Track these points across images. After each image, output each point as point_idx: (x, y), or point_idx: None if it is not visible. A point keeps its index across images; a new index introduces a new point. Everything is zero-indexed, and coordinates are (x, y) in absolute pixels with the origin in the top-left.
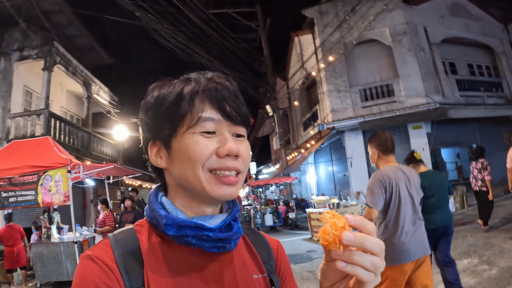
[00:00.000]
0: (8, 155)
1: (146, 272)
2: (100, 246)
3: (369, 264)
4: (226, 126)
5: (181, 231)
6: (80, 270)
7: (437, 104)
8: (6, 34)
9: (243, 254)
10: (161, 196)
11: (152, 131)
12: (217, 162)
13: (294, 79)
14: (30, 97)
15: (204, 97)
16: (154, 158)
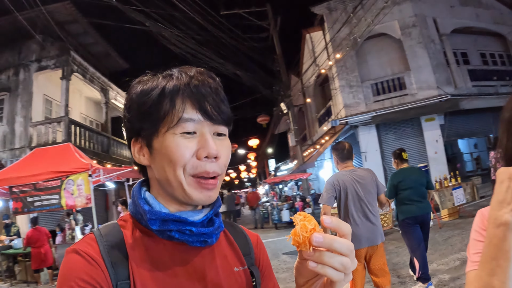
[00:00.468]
0: (32, 162)
1: (131, 266)
2: (86, 241)
3: (338, 265)
4: (207, 126)
5: (165, 226)
6: (66, 264)
7: (448, 95)
8: (24, 46)
9: (224, 247)
10: (145, 191)
11: (135, 129)
12: (198, 167)
13: (307, 76)
14: (50, 105)
15: (185, 96)
16: (137, 155)
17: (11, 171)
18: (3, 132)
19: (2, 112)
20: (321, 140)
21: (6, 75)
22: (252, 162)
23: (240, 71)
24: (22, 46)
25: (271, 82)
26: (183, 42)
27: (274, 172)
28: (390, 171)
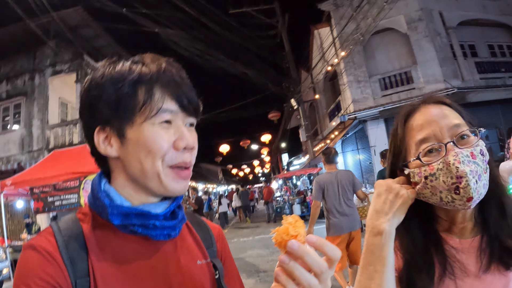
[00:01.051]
0: (51, 163)
1: (91, 261)
2: (43, 235)
3: (304, 282)
4: (181, 117)
5: (127, 220)
6: (23, 260)
7: (455, 89)
8: (38, 51)
9: (186, 240)
10: (105, 183)
11: (102, 116)
12: (177, 157)
13: (317, 72)
14: (65, 108)
15: (164, 87)
16: (102, 145)
17: (31, 173)
18: (21, 135)
19: (19, 116)
20: (331, 135)
21: (22, 80)
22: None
23: (249, 70)
24: (36, 52)
25: (281, 79)
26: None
27: (287, 166)
28: None
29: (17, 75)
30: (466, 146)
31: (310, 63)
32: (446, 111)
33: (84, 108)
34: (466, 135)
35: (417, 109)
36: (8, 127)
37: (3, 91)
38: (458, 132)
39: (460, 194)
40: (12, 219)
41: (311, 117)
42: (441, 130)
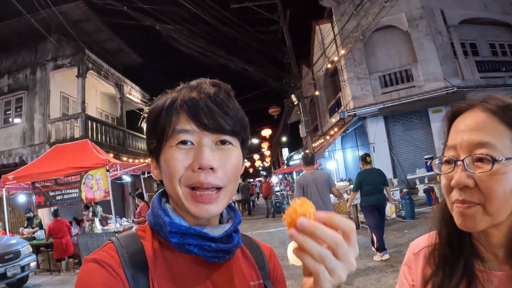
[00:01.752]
0: (52, 158)
1: (151, 279)
2: (106, 251)
3: (315, 254)
4: (204, 136)
5: (184, 239)
6: (86, 272)
7: (454, 88)
8: (40, 46)
9: (240, 261)
10: (164, 202)
11: (149, 148)
12: (192, 177)
13: (318, 67)
14: (67, 102)
15: (180, 109)
16: (153, 170)
17: (33, 167)
18: (23, 129)
19: (21, 109)
20: (330, 131)
21: (24, 74)
22: (266, 151)
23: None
24: (38, 46)
25: (282, 74)
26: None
27: (287, 161)
28: (398, 162)
29: (18, 69)
30: (480, 170)
31: (311, 59)
32: (488, 123)
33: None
34: (485, 159)
35: (464, 112)
36: (9, 121)
37: (4, 85)
38: (476, 152)
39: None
40: (14, 213)
41: (312, 112)
42: (462, 144)
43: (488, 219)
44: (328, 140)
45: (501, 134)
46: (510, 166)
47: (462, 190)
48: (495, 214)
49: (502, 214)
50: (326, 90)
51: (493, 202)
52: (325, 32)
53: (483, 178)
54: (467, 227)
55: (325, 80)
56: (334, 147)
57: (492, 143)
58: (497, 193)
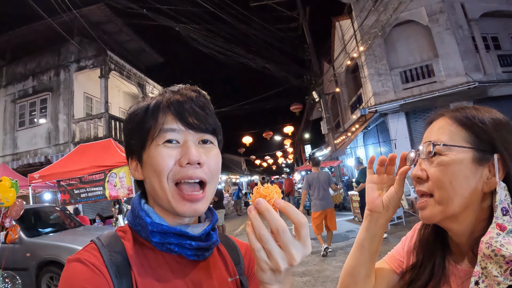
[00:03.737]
0: (77, 157)
1: (134, 276)
2: (88, 251)
3: (256, 231)
4: (189, 134)
5: (165, 239)
6: (70, 272)
7: (476, 83)
8: (63, 48)
9: (217, 259)
10: (144, 203)
11: (129, 147)
12: (179, 172)
13: (338, 64)
14: (90, 102)
15: (166, 109)
16: (133, 171)
17: (58, 166)
18: (48, 129)
19: (46, 110)
20: (352, 128)
21: (48, 76)
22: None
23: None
24: (61, 48)
25: (303, 72)
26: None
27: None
28: None
29: (42, 71)
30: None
31: (332, 55)
32: (446, 125)
33: (124, 142)
34: (436, 153)
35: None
36: (35, 122)
37: (29, 87)
38: (426, 148)
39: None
40: None
41: (334, 109)
42: (422, 144)
43: (440, 208)
44: (349, 137)
45: (453, 133)
46: (455, 157)
47: (418, 182)
48: (445, 203)
49: (452, 204)
50: (347, 86)
51: (440, 191)
52: (345, 28)
53: (431, 169)
54: (425, 218)
55: (346, 76)
56: (356, 144)
57: (442, 140)
58: (443, 183)
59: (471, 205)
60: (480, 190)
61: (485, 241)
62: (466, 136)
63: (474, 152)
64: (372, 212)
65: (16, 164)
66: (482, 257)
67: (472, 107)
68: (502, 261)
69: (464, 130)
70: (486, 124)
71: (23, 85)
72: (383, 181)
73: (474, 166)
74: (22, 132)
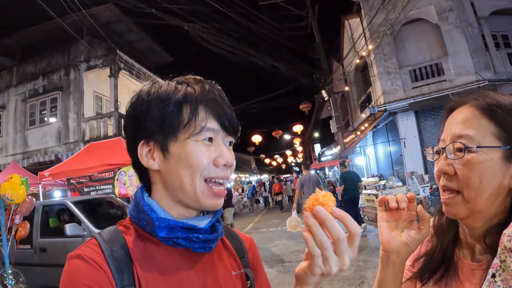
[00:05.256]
0: (86, 156)
1: (136, 271)
2: (89, 246)
3: (318, 238)
4: (222, 136)
5: (172, 233)
6: (71, 269)
7: (486, 81)
8: (73, 47)
9: (222, 252)
10: (147, 197)
11: (146, 130)
12: (214, 171)
13: (348, 62)
14: (100, 101)
15: (207, 107)
16: (145, 158)
17: (68, 164)
18: (58, 128)
19: (56, 109)
20: (361, 127)
21: (58, 75)
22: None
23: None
24: (71, 48)
25: (312, 70)
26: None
27: (319, 157)
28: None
29: (53, 70)
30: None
31: (341, 54)
32: (473, 117)
33: (129, 122)
34: (463, 149)
35: (457, 107)
36: (45, 120)
37: (39, 86)
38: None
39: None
40: None
41: (343, 108)
42: (447, 136)
43: (468, 206)
44: (359, 136)
45: (482, 128)
46: (485, 156)
47: (444, 177)
48: (473, 201)
49: (480, 202)
50: (356, 85)
51: (469, 190)
52: (354, 27)
53: (460, 167)
54: (451, 214)
55: (356, 75)
56: (365, 143)
57: (470, 135)
58: (473, 181)
59: (497, 201)
60: (507, 186)
61: (508, 234)
62: (496, 131)
63: (504, 149)
64: (388, 252)
65: (26, 162)
66: (502, 250)
67: (497, 94)
68: None
69: (493, 124)
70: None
71: (33, 84)
72: (400, 218)
73: (504, 163)
74: (33, 131)
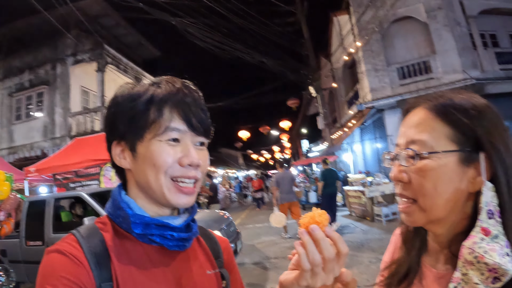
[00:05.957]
0: (73, 151)
1: (114, 267)
2: (68, 242)
3: (310, 255)
4: (190, 136)
5: (147, 230)
6: (48, 263)
7: (473, 80)
8: (60, 41)
9: (197, 251)
10: (124, 194)
11: (118, 132)
12: (179, 170)
13: (336, 59)
14: (87, 96)
15: (173, 107)
16: (118, 158)
17: (53, 160)
18: (44, 123)
19: (42, 104)
20: (348, 123)
21: (45, 70)
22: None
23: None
24: (58, 42)
25: (300, 66)
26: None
27: (307, 153)
28: None
29: (39, 64)
30: (409, 165)
31: (329, 50)
32: (426, 120)
33: (105, 122)
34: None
35: (411, 110)
36: (31, 115)
37: (26, 80)
38: (407, 153)
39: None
40: None
41: (331, 104)
42: (401, 141)
43: (424, 214)
44: (346, 132)
45: (436, 131)
46: (439, 161)
47: (399, 184)
48: (429, 209)
49: (437, 209)
50: (344, 81)
51: (424, 198)
52: (343, 23)
53: (414, 174)
54: (409, 222)
55: (343, 71)
56: (353, 139)
57: (423, 140)
58: (427, 189)
59: (456, 207)
60: (466, 190)
61: (468, 246)
62: (451, 134)
63: (461, 152)
64: None
65: (12, 157)
66: (463, 263)
67: (452, 93)
68: (484, 269)
69: (448, 127)
70: (470, 116)
71: (19, 79)
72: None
73: (460, 168)
74: (19, 125)
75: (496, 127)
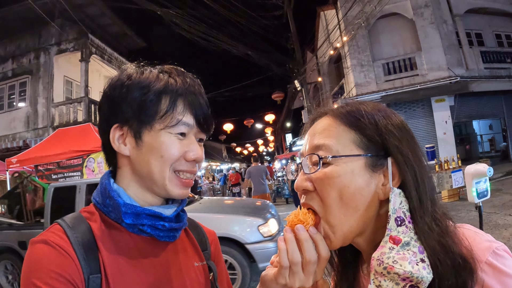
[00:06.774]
0: (55, 142)
1: (102, 258)
2: (54, 232)
3: (290, 253)
4: (195, 131)
5: (138, 220)
6: (34, 254)
7: (458, 78)
8: (43, 30)
9: (185, 243)
10: (113, 182)
11: (123, 116)
12: (184, 165)
13: (322, 53)
14: (70, 86)
15: (186, 101)
16: (116, 142)
17: (36, 151)
18: (27, 113)
19: (25, 94)
20: None
21: (28, 59)
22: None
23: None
24: (41, 31)
25: (285, 60)
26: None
27: (290, 146)
28: None
29: (22, 53)
30: (313, 171)
31: (316, 44)
32: (330, 127)
33: (106, 103)
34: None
35: (318, 119)
36: (13, 105)
37: (8, 70)
38: (311, 159)
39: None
40: None
41: (315, 98)
42: (305, 149)
43: (334, 231)
44: None
45: (342, 136)
46: (345, 167)
47: (304, 194)
48: (338, 224)
49: (346, 223)
50: (329, 76)
51: (330, 210)
52: (330, 18)
53: (318, 181)
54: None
55: (329, 66)
56: None
57: (327, 145)
58: (333, 198)
59: (367, 217)
60: (377, 198)
61: (376, 258)
62: (356, 138)
63: (367, 157)
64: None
65: None
66: (374, 274)
67: (358, 102)
68: (397, 279)
69: (354, 132)
70: (376, 122)
71: (2, 68)
72: None
73: (367, 173)
74: (0, 116)
75: (402, 133)
